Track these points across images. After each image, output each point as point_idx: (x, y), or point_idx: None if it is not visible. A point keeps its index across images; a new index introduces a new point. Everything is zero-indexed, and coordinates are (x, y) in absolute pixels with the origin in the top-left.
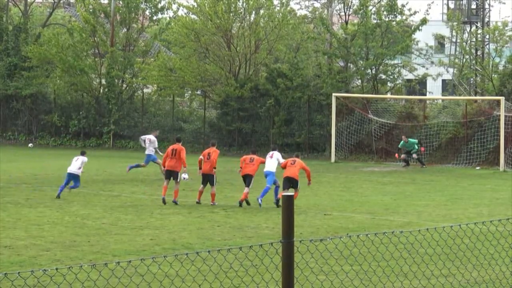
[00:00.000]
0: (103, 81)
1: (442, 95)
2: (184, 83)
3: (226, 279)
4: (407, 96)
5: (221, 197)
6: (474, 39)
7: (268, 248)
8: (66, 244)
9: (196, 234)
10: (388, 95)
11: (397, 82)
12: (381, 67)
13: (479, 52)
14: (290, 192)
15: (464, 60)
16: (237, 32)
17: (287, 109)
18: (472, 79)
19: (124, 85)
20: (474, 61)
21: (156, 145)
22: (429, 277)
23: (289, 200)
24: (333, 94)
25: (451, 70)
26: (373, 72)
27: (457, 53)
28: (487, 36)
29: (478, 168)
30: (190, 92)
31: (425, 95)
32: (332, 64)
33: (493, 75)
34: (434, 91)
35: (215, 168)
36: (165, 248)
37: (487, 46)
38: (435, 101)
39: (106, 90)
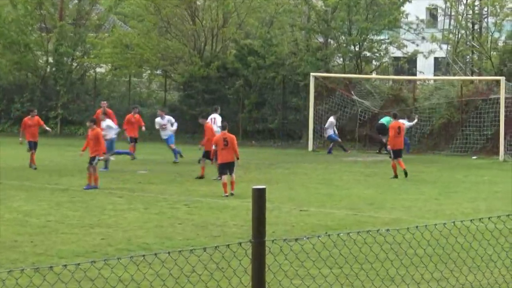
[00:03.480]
0: (50, 59)
1: (434, 75)
2: (142, 61)
3: (188, 284)
4: (395, 76)
5: (183, 191)
6: (471, 12)
7: (236, 248)
8: (6, 245)
9: (154, 233)
10: (374, 75)
11: (384, 60)
12: (365, 43)
13: (476, 27)
14: (262, 186)
15: (459, 35)
16: (202, 4)
17: (259, 91)
18: (468, 56)
19: (74, 64)
20: (470, 37)
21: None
22: (419, 282)
23: (260, 194)
24: (311, 73)
25: (444, 46)
26: (357, 49)
27: (451, 27)
28: (486, 9)
29: (474, 157)
30: (149, 71)
31: (415, 75)
32: (310, 40)
33: (491, 53)
34: (425, 70)
35: (238, 157)
36: (119, 249)
37: (486, 19)
38: (427, 81)
39: (53, 69)
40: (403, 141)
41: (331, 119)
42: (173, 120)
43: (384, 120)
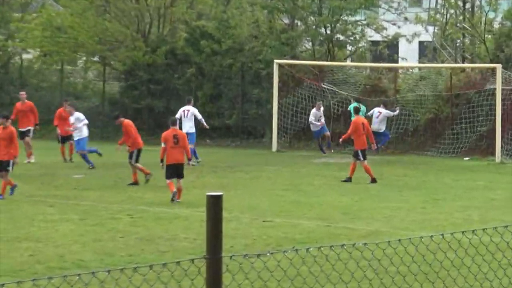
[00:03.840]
0: None
1: (419, 62)
2: (77, 46)
3: None
4: (373, 64)
5: (125, 198)
6: None
7: (188, 266)
8: None
9: (92, 248)
10: (348, 62)
11: (360, 45)
12: (338, 25)
13: (468, 5)
14: (218, 193)
15: (448, 15)
16: None
17: (214, 81)
18: (458, 40)
19: None
20: (461, 17)
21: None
22: None
23: (215, 202)
24: (275, 60)
25: (431, 29)
26: (328, 31)
27: (438, 6)
28: None
29: (466, 158)
30: (84, 58)
31: (397, 62)
32: (273, 22)
33: (486, 36)
34: (408, 56)
35: (189, 157)
36: (50, 267)
37: None
38: (410, 70)
39: None
40: (385, 136)
41: (313, 110)
42: (82, 117)
43: (352, 107)
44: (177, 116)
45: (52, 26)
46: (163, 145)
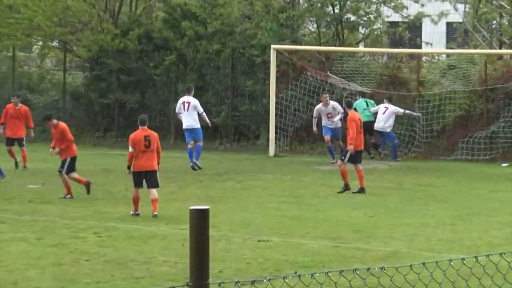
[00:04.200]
0: None
1: (447, 48)
2: (32, 28)
3: None
4: (391, 50)
5: (91, 213)
6: None
7: None
8: None
9: (51, 274)
10: (361, 48)
11: (375, 27)
12: (348, 2)
13: None
14: (203, 206)
15: None
16: None
17: (198, 71)
18: (495, 21)
19: None
20: None
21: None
22: None
23: (201, 218)
24: (272, 46)
25: (461, 7)
26: (337, 10)
27: None
28: None
29: (505, 164)
30: (41, 43)
31: (420, 47)
32: None
33: None
34: (434, 41)
35: (158, 163)
36: None
37: None
38: (436, 57)
39: None
40: (390, 138)
41: (319, 106)
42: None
43: (358, 104)
44: (177, 109)
45: (2, 5)
46: (130, 149)
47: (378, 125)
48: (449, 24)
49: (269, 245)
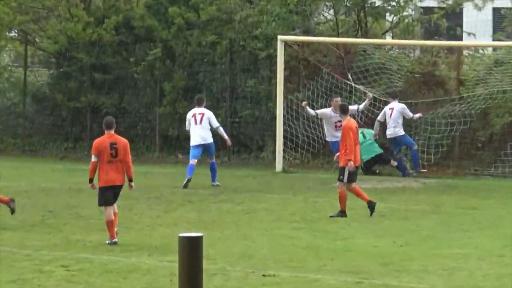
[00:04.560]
0: None
1: (494, 39)
2: None
3: None
4: (425, 42)
5: (58, 241)
6: None
7: None
8: None
9: None
10: (388, 40)
11: (405, 13)
12: None
13: None
14: (196, 233)
15: None
16: None
17: (189, 68)
18: None
19: None
20: None
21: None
22: None
23: (193, 247)
24: (280, 37)
25: None
26: None
27: None
28: None
29: None
30: None
31: (461, 39)
32: None
33: None
34: (477, 31)
35: (131, 177)
36: None
37: None
38: (481, 50)
39: None
40: (406, 143)
41: (326, 110)
42: None
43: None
44: (187, 126)
45: None
46: (93, 158)
47: (389, 132)
48: (496, 10)
49: (276, 281)
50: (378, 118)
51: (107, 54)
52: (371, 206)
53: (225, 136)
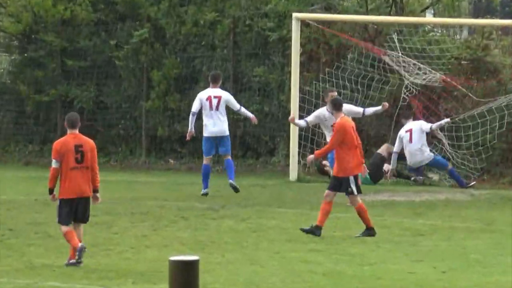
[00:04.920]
0: None
1: None
2: None
3: None
4: (474, 20)
5: (22, 266)
6: None
7: None
8: None
9: None
10: (428, 18)
11: None
12: None
13: None
14: (190, 256)
15: None
16: None
17: (183, 52)
18: None
19: None
20: None
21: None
22: None
23: (187, 274)
24: (295, 14)
25: None
26: None
27: None
28: None
29: None
30: None
31: None
32: None
33: None
34: None
35: (97, 188)
36: None
37: None
38: None
39: None
40: (438, 165)
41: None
42: None
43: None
44: (194, 108)
45: None
46: (54, 164)
47: (415, 160)
48: None
49: None
50: (394, 150)
51: (82, 35)
52: (313, 232)
53: (249, 114)
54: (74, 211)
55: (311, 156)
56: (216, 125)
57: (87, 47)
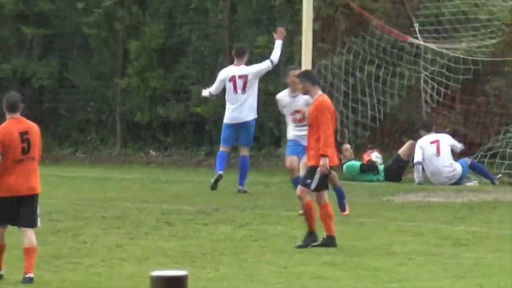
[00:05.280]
0: None
1: None
2: None
3: None
4: None
5: None
6: None
7: None
8: None
9: None
10: None
11: None
12: None
13: None
14: (177, 271)
15: None
16: None
17: (168, 19)
18: None
19: None
20: None
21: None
22: None
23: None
24: None
25: None
26: None
27: None
28: None
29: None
30: None
31: None
32: None
33: None
34: None
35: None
36: None
37: None
38: None
39: None
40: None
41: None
42: None
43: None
44: (213, 89)
45: None
46: None
47: (447, 176)
48: None
49: None
50: (417, 159)
51: None
52: (326, 243)
53: (277, 44)
54: (16, 212)
55: (324, 161)
56: (240, 110)
57: (48, 12)
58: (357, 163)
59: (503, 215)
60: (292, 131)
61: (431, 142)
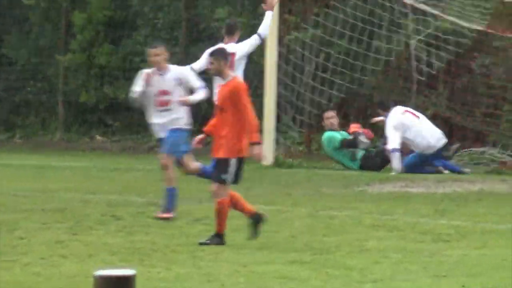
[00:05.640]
0: None
1: None
2: None
3: None
4: None
5: None
6: None
7: None
8: None
9: None
10: None
11: None
12: None
13: None
14: (123, 271)
15: None
16: None
17: None
18: None
19: None
20: None
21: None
22: None
23: None
24: None
25: None
26: None
27: None
28: None
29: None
30: None
31: None
32: None
33: None
34: None
35: None
36: None
37: None
38: None
39: None
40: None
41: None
42: None
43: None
44: (197, 65)
45: None
46: None
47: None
48: None
49: None
50: (393, 146)
51: None
52: (255, 219)
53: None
54: None
55: (258, 151)
56: None
57: None
58: (338, 136)
59: (489, 208)
60: (156, 117)
61: (403, 112)
